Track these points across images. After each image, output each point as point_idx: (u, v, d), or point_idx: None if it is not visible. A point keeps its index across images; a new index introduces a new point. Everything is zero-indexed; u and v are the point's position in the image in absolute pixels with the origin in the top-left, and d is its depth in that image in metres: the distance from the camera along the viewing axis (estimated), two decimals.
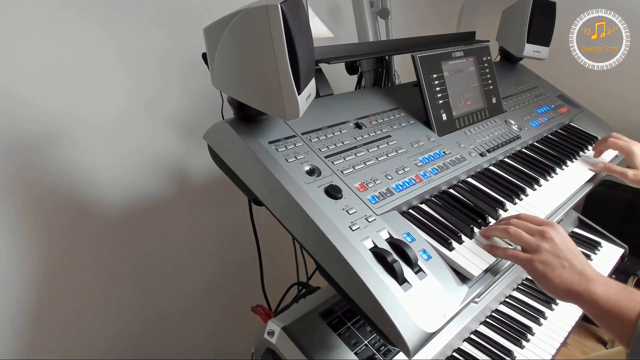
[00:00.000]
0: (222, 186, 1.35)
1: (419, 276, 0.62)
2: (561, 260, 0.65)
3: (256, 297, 1.01)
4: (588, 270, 0.65)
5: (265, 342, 0.78)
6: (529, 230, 0.69)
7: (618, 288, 0.63)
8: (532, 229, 0.69)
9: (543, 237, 0.67)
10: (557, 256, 0.66)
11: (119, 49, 1.09)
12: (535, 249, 0.67)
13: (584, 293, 0.63)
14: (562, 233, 0.69)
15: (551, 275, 0.65)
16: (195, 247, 1.37)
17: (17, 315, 1.03)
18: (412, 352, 0.56)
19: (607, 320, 0.63)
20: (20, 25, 0.93)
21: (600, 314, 0.63)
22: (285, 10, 0.57)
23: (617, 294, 0.62)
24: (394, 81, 1.23)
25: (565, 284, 0.64)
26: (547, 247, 0.66)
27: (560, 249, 0.66)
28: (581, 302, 0.64)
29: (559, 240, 0.67)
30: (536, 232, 0.68)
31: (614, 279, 0.66)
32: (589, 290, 0.63)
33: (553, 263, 0.65)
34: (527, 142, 1.08)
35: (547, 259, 0.66)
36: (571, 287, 0.64)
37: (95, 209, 1.12)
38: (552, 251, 0.66)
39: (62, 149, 1.03)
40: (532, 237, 0.68)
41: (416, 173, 0.79)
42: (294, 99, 0.61)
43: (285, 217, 0.66)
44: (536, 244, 0.67)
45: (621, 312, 0.61)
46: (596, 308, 0.63)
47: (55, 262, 1.07)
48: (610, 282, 0.64)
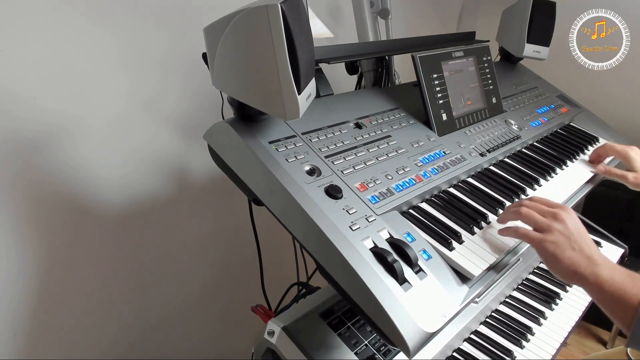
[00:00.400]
0: (222, 186, 1.35)
1: (419, 276, 0.62)
2: (571, 242, 0.66)
3: (256, 297, 1.01)
4: (596, 254, 0.66)
5: (265, 342, 0.78)
6: (542, 212, 0.70)
7: (624, 273, 0.64)
8: (545, 210, 0.70)
9: (555, 218, 0.68)
10: (567, 238, 0.67)
11: (119, 48, 1.09)
12: (546, 228, 0.68)
13: (590, 276, 0.64)
14: (574, 217, 0.69)
15: (561, 256, 0.66)
16: (195, 247, 1.37)
17: (18, 315, 1.03)
18: (412, 352, 0.56)
19: (610, 304, 0.63)
20: (20, 25, 0.93)
21: (604, 297, 0.64)
22: (285, 10, 0.57)
23: (622, 278, 0.63)
24: (394, 81, 1.23)
25: (574, 266, 0.65)
26: (559, 227, 0.67)
27: (571, 232, 0.67)
28: (587, 284, 0.65)
29: (570, 222, 0.68)
30: (548, 214, 0.69)
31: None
32: (595, 273, 0.64)
33: (563, 244, 0.66)
34: (527, 142, 1.08)
35: (558, 239, 0.66)
36: (578, 269, 0.65)
37: (96, 209, 1.12)
38: (563, 232, 0.67)
39: (63, 149, 1.03)
40: (545, 217, 0.69)
41: (416, 173, 0.79)
42: (294, 98, 0.61)
43: (286, 217, 0.66)
44: (548, 224, 0.68)
45: (624, 297, 0.62)
46: (601, 291, 0.64)
47: (55, 262, 1.07)
48: (617, 267, 0.65)
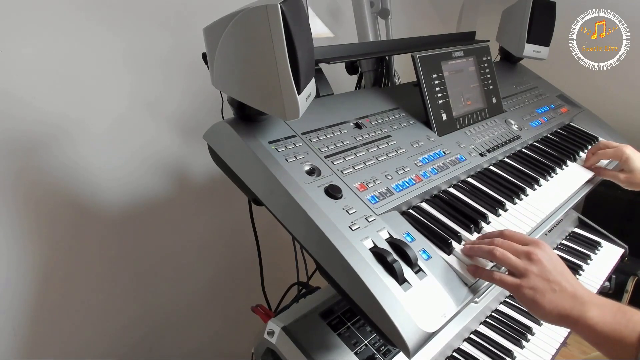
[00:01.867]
0: (222, 186, 1.35)
1: (419, 276, 0.62)
2: (551, 284, 0.62)
3: (256, 297, 1.01)
4: (580, 291, 0.62)
5: (265, 342, 0.78)
6: (515, 252, 0.65)
7: (614, 309, 0.60)
8: (518, 250, 0.65)
9: (530, 260, 0.63)
10: (546, 280, 0.62)
11: (120, 49, 1.09)
12: (523, 272, 0.63)
13: (580, 319, 0.60)
14: (549, 252, 0.65)
15: (542, 301, 0.61)
16: (196, 247, 1.37)
17: (18, 315, 1.03)
18: (412, 352, 0.56)
19: (607, 345, 0.59)
20: (20, 25, 0.93)
21: (598, 339, 0.60)
22: (285, 10, 0.57)
23: (614, 316, 0.59)
24: (394, 81, 1.23)
25: (558, 309, 0.61)
26: (535, 270, 0.62)
27: (549, 271, 0.62)
28: (577, 328, 0.61)
29: (546, 261, 0.63)
30: (522, 254, 0.64)
31: (614, 278, 0.64)
32: (584, 315, 0.60)
33: (543, 288, 0.62)
34: (527, 142, 1.08)
35: (536, 283, 0.62)
36: (564, 312, 0.61)
37: (96, 209, 1.12)
38: (540, 274, 0.62)
39: (63, 151, 1.03)
40: (519, 259, 0.64)
41: (416, 173, 0.79)
42: (294, 98, 0.61)
43: (285, 217, 0.66)
44: (524, 267, 0.63)
45: (621, 337, 0.58)
46: (594, 334, 0.59)
47: (56, 262, 1.07)
48: (606, 304, 0.61)
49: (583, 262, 1.25)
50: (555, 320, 0.62)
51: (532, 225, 0.82)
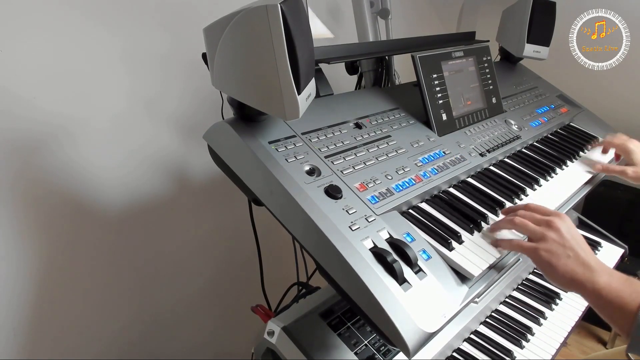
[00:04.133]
0: (222, 186, 1.35)
1: (419, 276, 0.62)
2: (566, 250, 0.66)
3: (256, 297, 1.01)
4: (592, 261, 0.66)
5: (265, 342, 0.78)
6: (536, 221, 0.70)
7: (621, 279, 0.64)
8: (539, 219, 0.70)
9: (549, 227, 0.68)
10: (562, 245, 0.66)
11: (119, 48, 1.09)
12: (540, 237, 0.67)
13: (587, 283, 0.64)
14: (569, 223, 0.69)
15: (556, 264, 0.65)
16: (195, 247, 1.37)
17: (18, 315, 1.03)
18: (412, 352, 0.56)
19: (609, 310, 0.63)
20: (20, 25, 0.93)
21: (602, 304, 0.63)
22: (285, 10, 0.57)
23: (619, 284, 0.63)
24: (394, 81, 1.23)
25: (570, 274, 0.65)
26: (553, 236, 0.67)
27: (566, 239, 0.66)
28: (584, 291, 0.65)
29: (565, 230, 0.67)
30: (542, 222, 0.69)
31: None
32: (593, 280, 0.63)
33: (558, 252, 0.66)
34: (527, 142, 1.08)
35: (553, 247, 0.66)
36: (575, 276, 0.64)
37: (95, 209, 1.12)
38: (558, 240, 0.66)
39: (63, 150, 1.03)
40: (539, 226, 0.69)
41: (416, 173, 0.79)
42: (294, 99, 0.61)
43: (285, 217, 0.66)
44: (542, 232, 0.68)
45: (623, 303, 0.61)
46: (599, 298, 0.63)
47: (55, 262, 1.07)
48: (614, 273, 0.65)
49: None
50: (567, 283, 0.66)
51: None
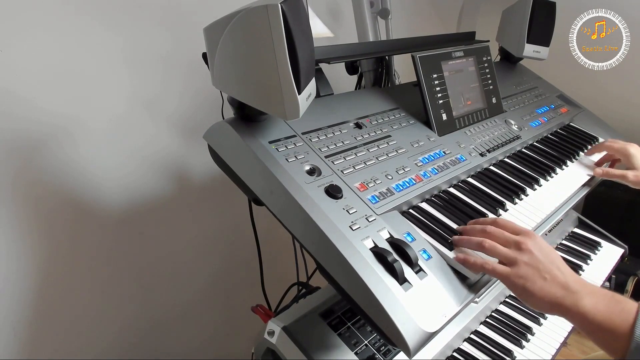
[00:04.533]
0: (222, 186, 1.35)
1: (420, 276, 0.62)
2: (541, 272, 0.61)
3: (256, 297, 1.01)
4: (572, 281, 0.62)
5: (265, 342, 0.78)
6: (505, 241, 0.65)
7: (607, 299, 0.60)
8: (509, 239, 0.65)
9: (520, 249, 0.63)
10: (536, 268, 0.62)
11: (120, 48, 1.09)
12: (512, 261, 0.63)
13: (572, 307, 0.60)
14: (539, 242, 0.65)
15: (532, 289, 0.61)
16: (195, 247, 1.37)
17: (18, 315, 1.03)
18: (412, 352, 0.56)
19: (599, 334, 0.59)
20: (20, 25, 0.93)
21: (590, 328, 0.60)
22: (286, 10, 0.57)
23: (606, 305, 0.59)
24: (394, 81, 1.23)
25: (549, 297, 0.61)
26: (524, 259, 0.62)
27: (539, 260, 0.62)
28: (569, 316, 0.61)
29: (536, 250, 0.63)
30: (512, 244, 0.64)
31: (614, 278, 0.64)
32: (577, 304, 0.60)
33: (533, 276, 0.61)
34: (527, 142, 1.08)
35: (526, 272, 0.62)
36: (555, 300, 0.60)
37: (96, 209, 1.12)
38: (530, 263, 0.62)
39: (63, 150, 1.03)
40: (509, 249, 0.64)
41: (416, 173, 0.79)
42: (294, 98, 0.61)
43: (286, 216, 0.66)
44: (513, 256, 0.63)
45: (613, 326, 0.58)
46: (586, 322, 0.59)
47: (55, 262, 1.07)
48: (598, 293, 0.61)
49: (583, 262, 1.25)
50: (548, 308, 0.62)
51: (532, 225, 0.82)
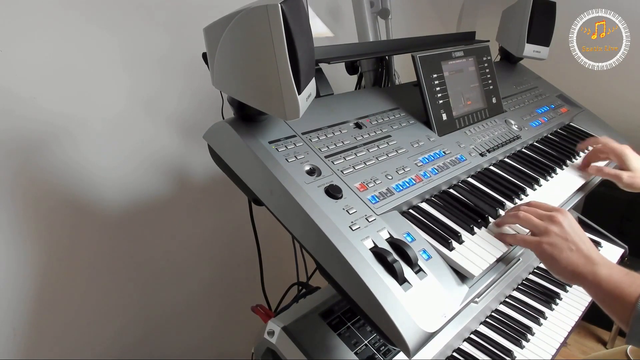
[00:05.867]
0: (222, 186, 1.35)
1: (419, 276, 0.62)
2: (569, 244, 0.68)
3: (256, 297, 1.01)
4: (594, 254, 0.68)
5: (265, 342, 0.78)
6: (539, 215, 0.72)
7: (622, 272, 0.66)
8: (542, 214, 0.72)
9: (552, 221, 0.70)
10: (564, 239, 0.68)
11: (119, 48, 1.09)
12: (543, 231, 0.70)
13: (589, 275, 0.66)
14: (570, 218, 0.71)
15: (559, 257, 0.68)
16: (195, 246, 1.37)
17: (18, 315, 1.03)
18: (412, 352, 0.56)
19: (609, 301, 0.65)
20: (20, 25, 0.93)
21: (602, 295, 0.66)
22: (286, 10, 0.57)
23: (620, 277, 0.65)
24: (394, 81, 1.23)
25: (572, 266, 0.67)
26: (555, 230, 0.69)
27: (568, 233, 0.69)
28: (586, 283, 0.67)
29: (567, 224, 0.70)
30: (545, 217, 0.71)
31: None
32: (594, 272, 0.66)
33: (561, 245, 0.68)
34: (527, 142, 1.08)
35: (555, 241, 0.68)
36: (577, 269, 0.67)
37: (95, 208, 1.12)
38: (560, 234, 0.69)
39: (63, 149, 1.03)
40: (542, 221, 0.71)
41: (416, 173, 0.79)
42: (294, 98, 0.61)
43: (285, 217, 0.66)
44: (545, 227, 0.70)
45: (622, 294, 0.63)
46: (599, 290, 0.65)
47: (55, 262, 1.07)
48: (615, 266, 0.67)
49: None
50: (569, 276, 0.68)
51: None
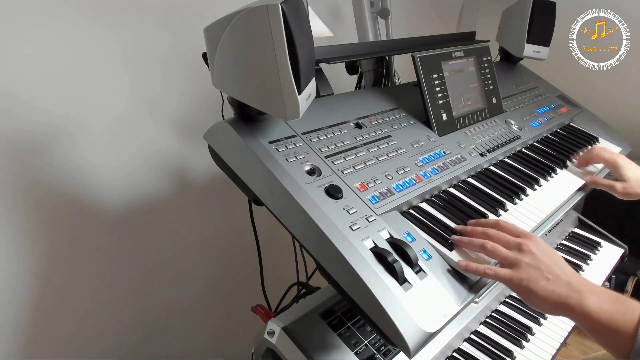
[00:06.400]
0: (222, 186, 1.35)
1: (420, 276, 0.62)
2: (544, 273, 0.62)
3: (256, 297, 1.01)
4: (575, 280, 0.62)
5: (265, 342, 0.78)
6: (507, 244, 0.66)
7: (611, 299, 0.60)
8: (510, 241, 0.66)
9: (521, 251, 0.64)
10: (538, 269, 0.62)
11: (120, 49, 1.09)
12: (514, 263, 0.64)
13: (576, 306, 0.60)
14: (540, 244, 0.65)
15: (535, 289, 0.61)
16: (196, 247, 1.36)
17: (18, 315, 1.03)
18: (412, 352, 0.56)
19: (603, 334, 0.59)
20: (20, 25, 0.93)
21: (595, 328, 0.60)
22: (286, 10, 0.57)
23: (611, 305, 0.59)
24: (394, 81, 1.23)
25: (552, 297, 0.61)
26: (527, 260, 0.63)
27: (541, 261, 0.63)
28: (573, 315, 0.61)
29: (538, 252, 0.64)
30: (514, 245, 0.65)
31: (614, 278, 0.64)
32: (581, 303, 0.60)
33: (535, 276, 0.62)
34: (527, 142, 1.08)
35: (529, 272, 0.62)
36: (559, 300, 0.61)
37: (96, 209, 1.12)
38: (532, 264, 0.63)
39: (63, 150, 1.03)
40: (510, 251, 0.65)
41: (416, 173, 0.79)
42: (295, 98, 0.61)
43: (286, 217, 0.66)
44: (514, 258, 0.64)
45: (617, 325, 0.58)
46: (590, 322, 0.60)
47: (56, 262, 1.07)
48: (602, 293, 0.61)
49: (583, 263, 1.25)
50: (552, 308, 0.62)
51: (532, 226, 0.82)
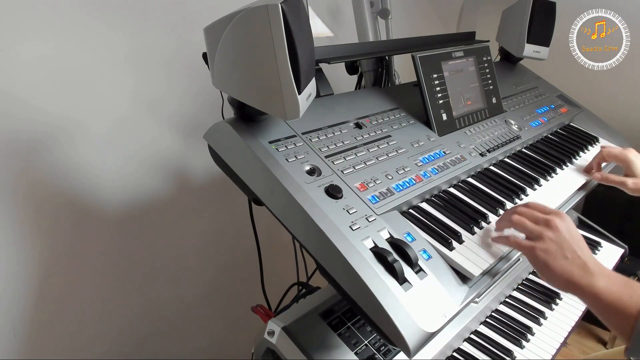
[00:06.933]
0: (222, 186, 1.35)
1: (420, 276, 0.62)
2: (564, 250, 0.64)
3: (256, 297, 1.01)
4: (591, 262, 0.64)
5: (265, 342, 0.78)
6: (535, 219, 0.68)
7: (621, 282, 0.62)
8: (538, 217, 0.68)
9: (548, 226, 0.66)
10: (560, 246, 0.64)
11: (120, 49, 1.09)
12: (538, 236, 0.66)
13: (586, 287, 0.62)
14: (568, 223, 0.67)
15: (552, 264, 0.64)
16: (196, 247, 1.37)
17: (18, 315, 1.03)
18: (412, 352, 0.56)
19: (608, 314, 0.62)
20: (20, 25, 0.93)
21: (601, 307, 0.62)
22: (286, 10, 0.57)
23: (619, 288, 0.61)
24: (394, 81, 1.23)
25: (566, 275, 0.63)
26: (551, 235, 0.65)
27: (564, 239, 0.65)
28: (582, 294, 0.63)
29: (564, 229, 0.66)
30: (542, 221, 0.67)
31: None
32: (591, 284, 0.62)
33: (555, 252, 0.64)
34: (527, 142, 1.08)
35: (550, 247, 0.65)
36: (572, 278, 0.63)
37: (96, 209, 1.12)
38: (555, 240, 0.65)
39: (64, 151, 1.03)
40: (537, 225, 0.67)
41: (416, 173, 0.79)
42: (295, 98, 0.61)
43: (286, 216, 0.66)
44: (539, 231, 0.66)
45: (623, 307, 0.60)
46: (597, 301, 0.62)
47: (56, 262, 1.07)
48: (613, 276, 0.63)
49: None
50: (563, 285, 0.64)
51: None
